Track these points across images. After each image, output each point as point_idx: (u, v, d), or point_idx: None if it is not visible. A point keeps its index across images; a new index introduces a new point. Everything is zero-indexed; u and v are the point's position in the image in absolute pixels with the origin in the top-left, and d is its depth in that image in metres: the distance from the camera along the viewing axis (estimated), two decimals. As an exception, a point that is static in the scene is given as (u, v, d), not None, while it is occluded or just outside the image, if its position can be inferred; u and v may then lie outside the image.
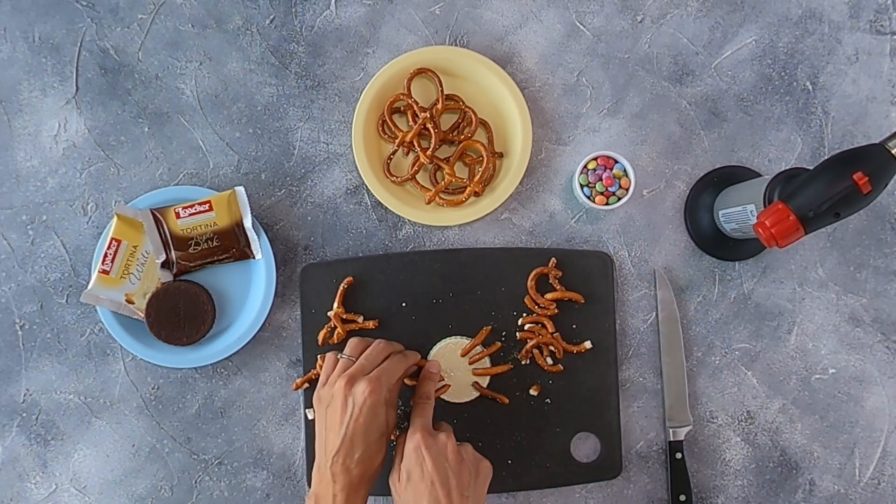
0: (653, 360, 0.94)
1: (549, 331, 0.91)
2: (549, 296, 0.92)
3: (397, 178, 0.93)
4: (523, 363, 0.92)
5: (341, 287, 0.91)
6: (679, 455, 0.92)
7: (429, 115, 0.91)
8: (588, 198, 0.91)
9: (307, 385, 0.91)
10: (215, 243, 0.90)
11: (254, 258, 0.92)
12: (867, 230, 0.95)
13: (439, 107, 0.92)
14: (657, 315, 0.94)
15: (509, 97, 0.92)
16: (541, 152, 0.96)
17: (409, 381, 0.90)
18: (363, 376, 0.79)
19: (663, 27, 0.96)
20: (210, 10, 0.95)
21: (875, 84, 0.96)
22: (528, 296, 0.92)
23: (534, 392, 0.92)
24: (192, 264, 0.91)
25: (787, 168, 0.83)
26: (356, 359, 0.82)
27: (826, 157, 0.79)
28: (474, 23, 0.96)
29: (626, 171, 0.90)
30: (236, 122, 0.95)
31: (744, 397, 0.94)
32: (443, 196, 0.92)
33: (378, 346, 0.83)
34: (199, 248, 0.90)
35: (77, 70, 0.95)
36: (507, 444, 0.92)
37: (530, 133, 0.92)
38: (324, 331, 0.92)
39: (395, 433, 0.91)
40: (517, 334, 0.92)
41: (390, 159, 0.94)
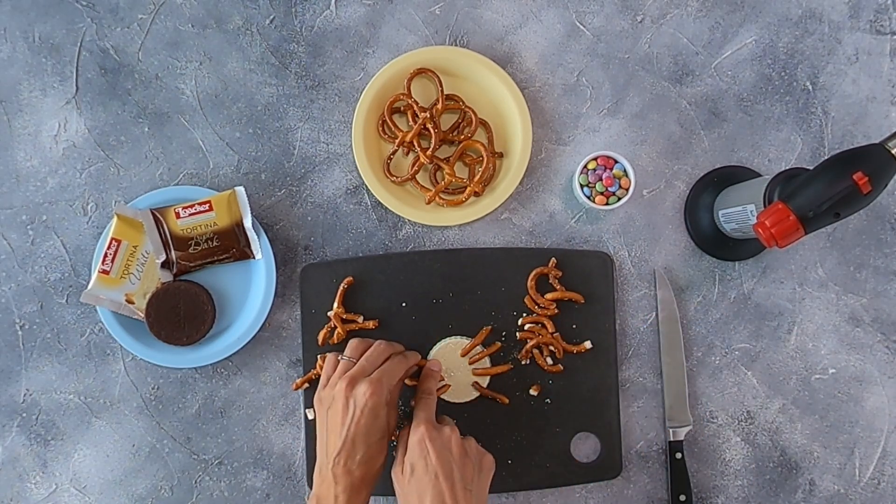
0: (653, 360, 0.94)
1: (549, 331, 0.91)
2: (549, 296, 0.92)
3: (397, 178, 0.93)
4: (523, 363, 0.92)
5: (341, 287, 0.91)
6: (679, 455, 0.92)
7: (429, 115, 0.91)
8: (588, 198, 0.91)
9: (307, 385, 0.91)
10: (215, 243, 0.90)
11: (254, 258, 0.92)
12: (867, 230, 0.95)
13: (439, 107, 0.92)
14: (657, 315, 0.94)
15: (509, 97, 0.92)
16: (541, 152, 0.96)
17: (410, 382, 0.90)
18: (364, 378, 0.79)
19: (663, 27, 0.96)
20: (210, 10, 0.95)
21: (875, 84, 0.96)
22: (528, 296, 0.92)
23: (534, 392, 0.92)
24: (192, 264, 0.91)
25: (787, 168, 0.83)
26: (357, 360, 0.82)
27: (826, 157, 0.78)
28: (474, 23, 0.96)
29: (626, 171, 0.90)
30: (236, 122, 0.95)
31: (744, 397, 0.94)
32: (443, 196, 0.92)
33: (379, 347, 0.83)
34: (199, 248, 0.90)
35: (77, 70, 0.95)
36: (507, 444, 0.92)
37: (530, 133, 0.92)
38: (324, 331, 0.92)
39: (395, 433, 0.91)
40: (517, 334, 0.92)
41: (390, 159, 0.94)
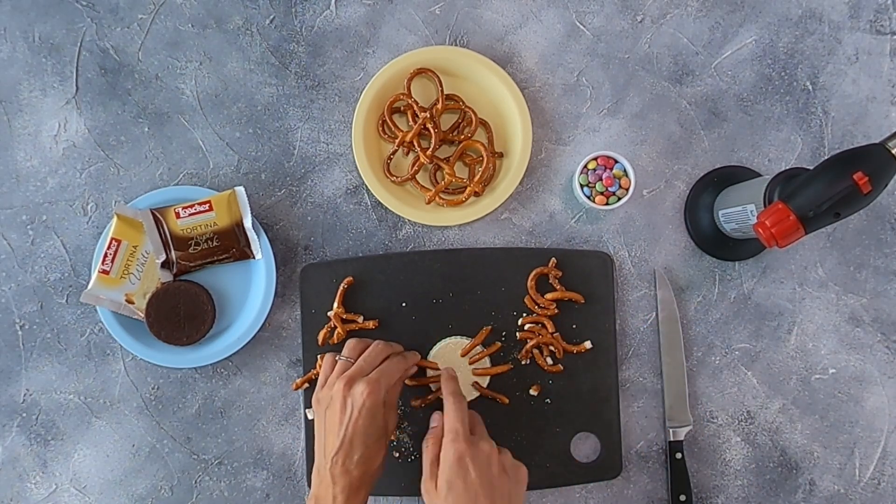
0: (653, 360, 0.94)
1: (549, 331, 0.91)
2: (549, 296, 0.92)
3: (397, 178, 0.93)
4: (523, 363, 0.92)
5: (341, 287, 0.91)
6: (679, 455, 0.92)
7: (429, 115, 0.91)
8: (588, 198, 0.91)
9: (307, 385, 0.91)
10: (215, 243, 0.90)
11: (254, 258, 0.92)
12: (867, 230, 0.95)
13: (439, 107, 0.92)
14: (657, 315, 0.94)
15: (509, 97, 0.92)
16: (541, 152, 0.96)
17: (410, 382, 0.90)
18: (362, 378, 0.79)
19: (663, 27, 0.96)
20: (210, 10, 0.95)
21: (875, 84, 0.96)
22: (528, 296, 0.92)
23: (534, 392, 0.92)
24: (192, 264, 0.91)
25: (787, 168, 0.83)
26: (355, 360, 0.82)
27: (826, 157, 0.78)
28: (474, 23, 0.96)
29: (626, 171, 0.90)
30: (236, 122, 0.95)
31: (744, 397, 0.94)
32: (443, 196, 0.92)
33: (377, 347, 0.83)
34: (199, 248, 0.90)
35: (77, 70, 0.95)
36: (507, 444, 0.91)
37: (530, 133, 0.92)
38: (324, 331, 0.92)
39: (395, 433, 0.91)
40: (517, 334, 0.92)
41: (390, 159, 0.94)
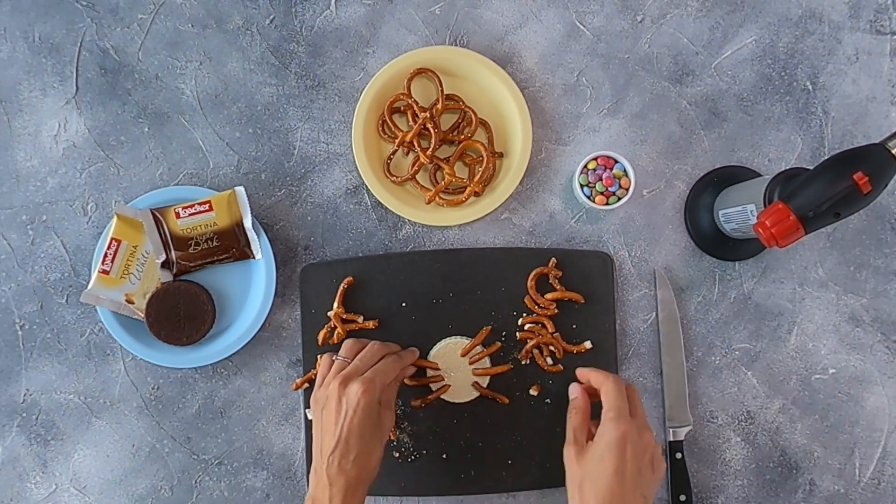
0: (653, 360, 0.94)
1: (549, 331, 0.91)
2: (549, 296, 0.91)
3: (397, 178, 0.93)
4: (523, 363, 0.92)
5: (341, 287, 0.91)
6: (679, 455, 0.92)
7: (429, 115, 0.91)
8: (588, 198, 0.91)
9: (307, 385, 0.91)
10: (215, 243, 0.90)
11: (254, 258, 0.92)
12: (867, 230, 0.95)
13: (439, 107, 0.92)
14: (657, 315, 0.94)
15: (509, 97, 0.92)
16: (541, 152, 0.95)
17: (410, 382, 0.90)
18: (357, 377, 0.79)
19: (663, 27, 0.96)
20: (210, 10, 0.95)
21: (875, 84, 0.96)
22: (528, 296, 0.92)
23: (534, 392, 0.92)
24: (192, 264, 0.91)
25: (787, 168, 0.83)
26: (351, 360, 0.82)
27: (826, 157, 0.78)
28: (474, 23, 0.96)
29: (626, 171, 0.90)
30: (236, 122, 0.95)
31: (744, 397, 0.94)
32: (443, 196, 0.92)
33: (373, 347, 0.83)
34: (199, 248, 0.90)
35: (77, 70, 0.95)
36: (507, 444, 0.92)
37: (530, 133, 0.92)
38: (324, 331, 0.92)
39: (394, 433, 0.91)
40: (517, 334, 0.92)
41: (390, 159, 0.94)
